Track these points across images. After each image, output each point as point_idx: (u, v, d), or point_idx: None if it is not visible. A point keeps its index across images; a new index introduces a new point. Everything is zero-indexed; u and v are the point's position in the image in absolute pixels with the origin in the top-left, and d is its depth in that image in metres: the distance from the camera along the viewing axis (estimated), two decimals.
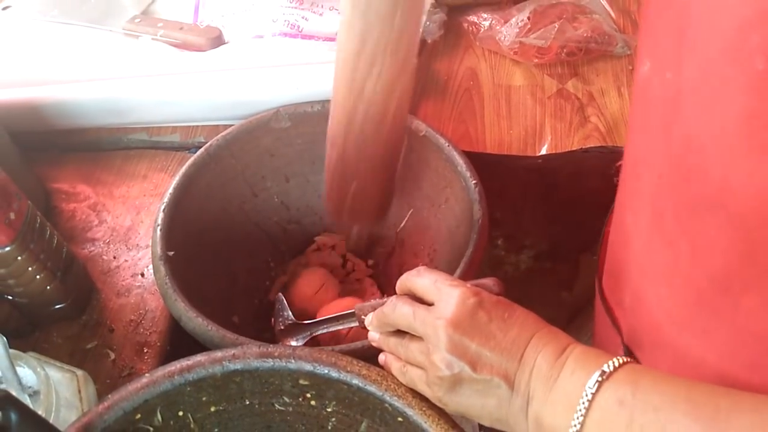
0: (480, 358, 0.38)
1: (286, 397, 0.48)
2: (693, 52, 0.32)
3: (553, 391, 0.36)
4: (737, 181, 0.31)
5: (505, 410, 0.38)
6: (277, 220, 0.72)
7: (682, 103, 0.33)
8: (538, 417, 0.37)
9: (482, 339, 0.38)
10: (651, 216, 0.40)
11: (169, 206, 0.60)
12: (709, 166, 0.32)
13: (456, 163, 0.62)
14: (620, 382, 0.34)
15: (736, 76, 0.29)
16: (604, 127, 0.72)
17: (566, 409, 0.35)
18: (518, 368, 0.38)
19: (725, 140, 0.31)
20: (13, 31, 0.85)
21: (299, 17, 0.78)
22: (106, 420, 0.43)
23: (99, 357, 0.58)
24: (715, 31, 0.30)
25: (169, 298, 0.54)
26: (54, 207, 0.70)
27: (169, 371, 0.45)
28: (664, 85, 0.35)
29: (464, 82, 0.79)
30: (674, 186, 0.36)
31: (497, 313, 0.39)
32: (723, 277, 0.34)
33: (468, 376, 0.38)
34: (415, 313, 0.41)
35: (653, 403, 0.32)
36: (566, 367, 0.36)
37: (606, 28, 0.79)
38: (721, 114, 0.31)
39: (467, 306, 0.39)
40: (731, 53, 0.29)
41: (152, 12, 0.87)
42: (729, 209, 0.32)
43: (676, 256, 0.37)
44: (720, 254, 0.34)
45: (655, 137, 0.37)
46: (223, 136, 0.66)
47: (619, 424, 0.33)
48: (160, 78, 0.74)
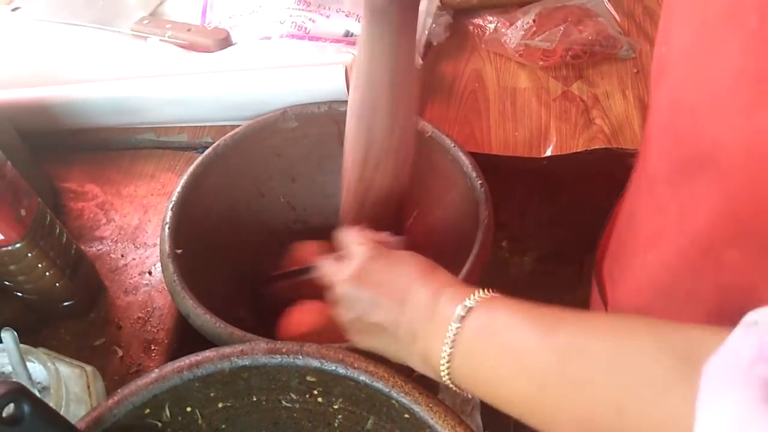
0: (373, 306, 0.43)
1: (293, 394, 0.49)
2: (689, 17, 0.33)
3: (430, 325, 0.40)
4: (727, 137, 0.32)
5: (399, 349, 0.43)
6: (283, 220, 0.73)
7: (671, 68, 0.35)
8: (422, 352, 0.41)
9: (372, 289, 0.43)
10: (645, 186, 0.42)
11: (177, 205, 0.60)
12: (700, 126, 0.33)
13: (462, 163, 0.62)
14: (481, 312, 0.37)
15: (731, 35, 0.30)
16: (609, 129, 0.73)
17: (439, 341, 0.38)
18: (402, 311, 0.42)
19: (716, 99, 0.32)
20: (23, 31, 0.86)
21: (306, 19, 0.78)
22: (116, 414, 0.43)
23: (107, 354, 0.58)
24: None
25: (177, 295, 0.54)
26: (62, 206, 0.71)
27: (178, 366, 0.45)
28: (659, 59, 0.37)
29: (470, 84, 0.79)
30: (667, 148, 0.37)
31: (386, 264, 0.44)
32: (707, 235, 0.36)
33: (366, 322, 0.43)
34: (330, 269, 0.47)
35: (504, 323, 0.36)
36: (440, 303, 0.40)
37: (611, 32, 0.79)
38: (713, 73, 0.32)
39: (362, 259, 0.44)
40: (727, 14, 0.30)
41: (160, 13, 0.88)
42: (719, 167, 0.33)
43: (665, 221, 0.39)
44: (704, 213, 0.35)
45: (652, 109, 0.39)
46: (231, 135, 0.66)
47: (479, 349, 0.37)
48: (168, 78, 0.75)
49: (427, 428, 0.44)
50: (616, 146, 0.71)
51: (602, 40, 0.79)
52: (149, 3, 0.88)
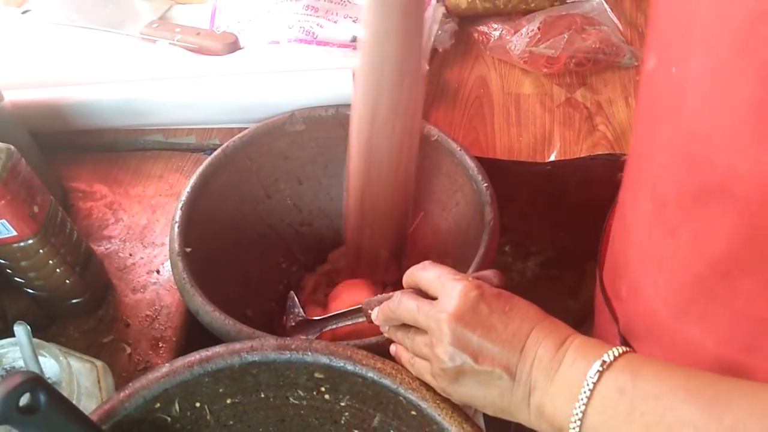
0: (482, 350, 0.39)
1: (300, 391, 0.49)
2: (700, 46, 0.33)
3: (555, 381, 0.37)
4: (743, 167, 0.32)
5: (507, 400, 0.39)
6: (290, 222, 0.73)
7: (687, 95, 0.35)
8: (540, 406, 0.38)
9: (484, 331, 0.39)
10: (652, 206, 0.41)
11: (186, 204, 0.61)
12: (715, 155, 0.34)
13: (467, 167, 0.63)
14: (620, 371, 0.35)
15: (745, 66, 0.30)
16: (612, 135, 0.74)
17: (568, 398, 0.36)
18: (519, 359, 0.39)
19: (732, 129, 0.32)
20: (34, 34, 0.87)
21: (314, 24, 0.79)
22: (127, 407, 0.44)
23: (115, 351, 0.59)
24: (724, 24, 0.31)
25: (186, 293, 0.55)
26: (71, 205, 0.71)
27: (189, 361, 0.46)
28: (669, 80, 0.37)
29: (475, 90, 0.80)
30: (677, 175, 0.37)
31: (498, 306, 0.40)
32: (723, 262, 0.35)
33: (470, 368, 0.39)
34: (419, 307, 0.42)
35: (653, 391, 0.33)
36: (567, 357, 0.37)
37: (614, 40, 0.81)
38: (728, 104, 0.32)
39: (469, 299, 0.40)
40: (740, 45, 0.30)
41: (170, 18, 0.89)
42: (735, 195, 0.33)
43: (676, 244, 0.39)
44: (721, 240, 0.35)
45: (659, 130, 0.39)
46: (240, 137, 0.67)
47: (620, 411, 0.34)
48: (176, 81, 0.76)
49: (434, 425, 0.44)
50: (619, 152, 0.72)
51: (606, 48, 0.80)
52: (159, 7, 0.89)
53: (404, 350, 0.45)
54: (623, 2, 0.89)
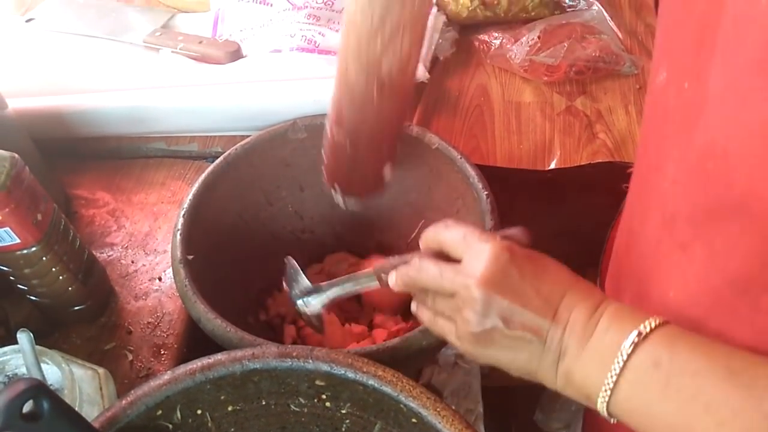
0: (513, 315, 0.38)
1: (301, 398, 0.49)
2: (719, 64, 0.33)
3: (587, 348, 0.36)
4: (761, 186, 0.32)
5: (536, 364, 0.39)
6: (291, 229, 0.74)
7: (704, 111, 0.34)
8: (569, 373, 0.37)
9: (515, 296, 0.38)
10: (661, 220, 0.41)
11: (188, 212, 0.61)
12: (732, 173, 0.33)
13: (468, 174, 0.63)
14: (657, 343, 0.34)
15: (764, 85, 0.30)
16: (611, 143, 0.74)
17: (599, 367, 0.35)
18: (551, 325, 0.38)
19: (752, 148, 0.32)
20: (38, 42, 0.88)
21: (316, 33, 0.80)
22: (129, 414, 0.44)
23: (117, 358, 0.59)
24: (745, 43, 0.31)
25: (188, 300, 0.55)
26: (74, 212, 0.72)
27: (191, 369, 0.46)
28: (681, 95, 0.37)
29: (475, 99, 0.81)
30: (689, 191, 0.37)
31: (529, 269, 0.39)
32: (743, 279, 0.35)
33: (500, 332, 0.38)
34: (442, 273, 0.41)
35: (691, 368, 0.33)
36: (600, 324, 0.36)
37: (614, 48, 0.81)
38: (748, 122, 0.32)
39: (499, 263, 0.38)
40: (760, 63, 0.30)
41: (172, 26, 0.89)
42: (753, 214, 0.33)
43: (688, 259, 0.38)
44: (740, 257, 0.35)
45: (669, 144, 0.39)
46: (242, 145, 0.68)
47: (654, 386, 0.33)
48: (179, 89, 0.77)
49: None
50: (619, 160, 0.72)
51: (605, 56, 0.81)
52: (162, 16, 0.90)
53: (425, 308, 0.44)
54: (623, 11, 0.89)
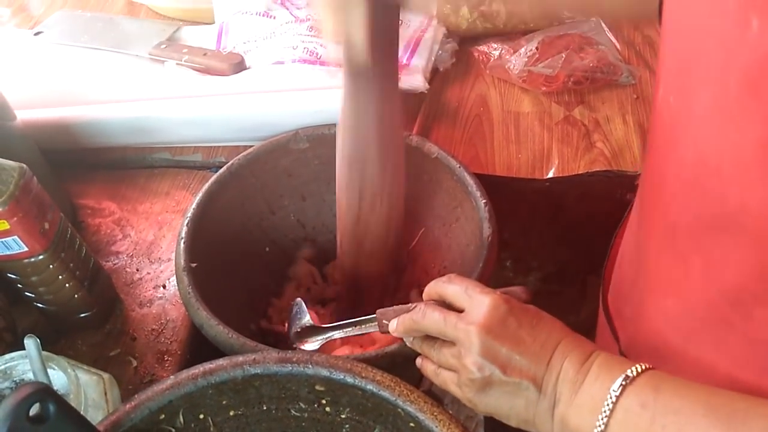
0: (510, 361, 0.40)
1: (302, 403, 0.50)
2: (707, 82, 0.34)
3: (579, 394, 0.38)
4: (753, 203, 0.33)
5: (532, 411, 0.40)
6: (293, 238, 0.75)
7: (690, 127, 0.36)
8: (564, 418, 0.39)
9: (512, 343, 0.40)
10: (662, 232, 0.42)
11: (192, 221, 0.62)
12: (726, 188, 0.34)
13: (467, 183, 0.64)
14: (643, 386, 0.36)
15: (755, 106, 0.31)
16: (609, 152, 0.75)
17: (591, 410, 0.37)
18: (546, 372, 0.40)
19: (742, 165, 0.33)
20: (46, 55, 0.89)
21: (318, 45, 0.81)
22: (133, 418, 0.45)
23: (121, 364, 0.60)
24: (732, 63, 0.32)
25: (191, 307, 0.56)
26: (81, 222, 0.73)
27: (193, 373, 0.47)
28: (669, 109, 0.38)
29: (474, 108, 0.82)
30: (688, 204, 0.38)
31: (526, 320, 0.41)
32: (736, 291, 0.36)
33: (498, 378, 0.41)
34: (446, 319, 0.43)
35: (674, 406, 0.35)
36: (591, 371, 0.39)
37: (611, 59, 0.82)
38: (738, 141, 0.33)
39: (498, 312, 0.41)
40: (750, 85, 0.31)
41: (178, 38, 0.91)
42: (746, 228, 0.34)
43: (687, 270, 0.39)
44: (734, 270, 0.36)
45: (664, 157, 0.40)
46: (245, 155, 0.69)
47: (642, 425, 0.35)
48: (183, 100, 0.78)
49: None
50: (617, 169, 0.73)
51: (603, 67, 0.82)
52: (167, 28, 0.92)
53: (429, 362, 0.46)
54: (621, 22, 0.91)
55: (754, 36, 0.30)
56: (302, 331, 0.56)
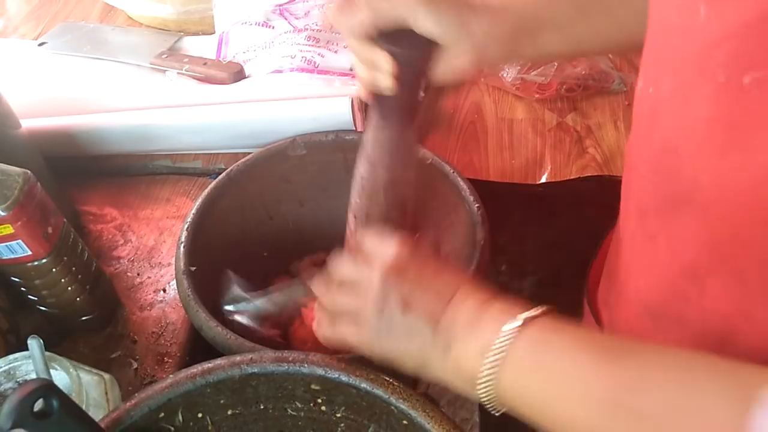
0: (410, 299, 0.41)
1: (298, 402, 0.51)
2: (669, 68, 0.37)
3: (473, 334, 0.38)
4: (705, 179, 0.35)
5: (427, 353, 0.40)
6: (291, 242, 0.76)
7: (660, 112, 0.38)
8: (457, 359, 0.39)
9: (413, 282, 0.41)
10: (636, 215, 0.44)
11: (191, 225, 0.64)
12: (682, 166, 0.37)
13: (460, 188, 0.66)
14: (535, 328, 0.37)
15: (703, 86, 0.34)
16: (601, 157, 0.77)
17: (483, 350, 0.37)
18: (443, 313, 0.40)
19: (694, 143, 0.35)
20: (49, 65, 0.91)
21: (315, 54, 0.83)
22: (133, 416, 0.46)
23: (122, 366, 0.61)
24: (688, 48, 0.35)
25: (191, 309, 0.57)
26: (82, 227, 0.75)
27: (192, 373, 0.48)
28: (649, 99, 0.40)
29: (469, 116, 0.84)
30: (654, 186, 0.40)
31: (431, 264, 0.43)
32: (692, 265, 0.38)
33: (397, 316, 0.41)
34: (355, 261, 0.44)
35: (559, 345, 0.36)
36: (488, 314, 0.39)
37: (603, 67, 0.84)
38: (690, 120, 0.35)
39: (402, 255, 0.42)
40: (699, 67, 0.34)
41: (179, 48, 0.93)
42: (699, 204, 0.36)
43: (655, 250, 0.42)
44: (690, 245, 0.38)
45: (640, 144, 0.42)
46: (244, 162, 0.71)
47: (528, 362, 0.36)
48: (184, 109, 0.80)
49: None
50: (608, 174, 0.75)
51: (595, 74, 0.83)
52: (168, 38, 0.94)
53: (323, 319, 0.46)
54: None
55: (701, 22, 0.33)
56: (231, 300, 0.57)
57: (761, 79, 0.30)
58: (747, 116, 0.32)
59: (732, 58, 0.32)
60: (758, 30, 0.30)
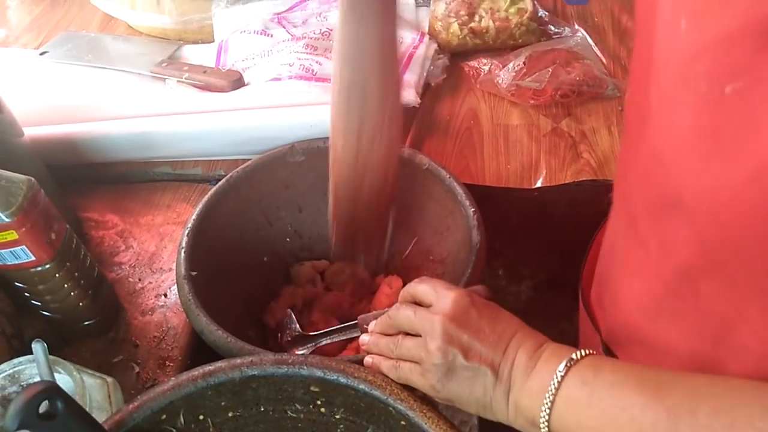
0: (471, 348, 0.44)
1: (298, 404, 0.52)
2: (655, 78, 0.38)
3: (530, 378, 0.42)
4: (690, 184, 0.37)
5: (489, 396, 0.44)
6: (290, 248, 0.77)
7: (648, 120, 0.40)
8: (517, 402, 0.43)
9: (473, 332, 0.44)
10: (627, 219, 0.46)
11: (192, 231, 0.65)
12: (670, 173, 0.38)
13: (456, 193, 0.67)
14: (585, 366, 0.40)
15: (686, 97, 0.35)
16: (595, 162, 0.78)
17: (540, 393, 0.41)
18: (502, 359, 0.44)
19: (680, 150, 0.37)
20: (51, 73, 0.92)
21: (313, 62, 0.84)
22: (136, 418, 0.47)
23: (124, 370, 0.62)
24: (671, 60, 0.36)
25: (192, 313, 0.58)
26: (84, 234, 0.75)
27: (193, 375, 0.49)
28: (636, 106, 0.42)
29: (465, 122, 0.85)
30: (643, 191, 0.42)
31: (486, 312, 0.46)
32: (685, 267, 0.40)
33: (460, 363, 0.44)
34: (416, 312, 0.47)
35: (610, 381, 0.39)
36: (542, 358, 0.43)
37: (597, 73, 0.85)
38: (676, 128, 0.37)
39: (461, 304, 0.45)
40: (683, 78, 0.35)
41: (179, 57, 0.94)
42: (687, 208, 0.37)
43: (646, 253, 0.43)
44: (682, 247, 0.39)
45: (630, 150, 0.44)
46: (243, 168, 0.72)
47: (582, 400, 0.39)
48: (184, 116, 0.81)
49: None
50: (602, 178, 0.76)
51: (589, 80, 0.85)
52: (168, 47, 0.95)
53: (384, 359, 0.50)
54: (607, 37, 0.94)
55: (683, 35, 0.34)
56: (292, 339, 0.60)
57: (741, 89, 0.32)
58: (729, 125, 0.33)
59: (713, 70, 0.33)
60: (736, 42, 0.31)
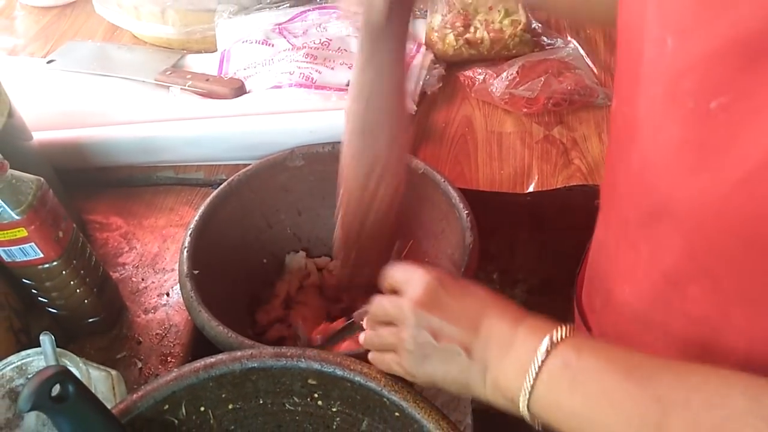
0: (441, 330, 0.44)
1: (295, 397, 0.54)
2: (643, 92, 0.40)
3: (508, 357, 0.42)
4: (678, 194, 0.39)
5: (466, 375, 0.44)
6: (290, 250, 0.79)
7: (636, 132, 0.42)
8: (495, 380, 0.42)
9: (442, 313, 0.44)
10: (618, 225, 0.47)
11: (194, 231, 0.67)
12: (659, 183, 0.40)
13: (451, 196, 0.69)
14: (567, 348, 0.40)
15: (674, 111, 0.37)
16: (586, 168, 0.80)
17: (520, 372, 0.40)
18: (475, 338, 0.44)
19: (668, 162, 0.39)
20: (58, 81, 0.95)
21: (313, 70, 0.87)
22: (140, 407, 0.49)
23: (128, 365, 0.64)
24: (658, 76, 0.38)
25: (193, 310, 0.60)
26: (89, 235, 0.77)
27: (195, 367, 0.51)
28: (624, 118, 0.44)
29: (460, 129, 0.87)
30: (634, 198, 0.44)
31: (455, 292, 0.46)
32: (673, 272, 0.41)
33: (432, 347, 0.44)
34: (389, 301, 0.48)
35: (593, 366, 0.38)
36: (519, 336, 0.42)
37: (588, 82, 0.88)
38: (664, 141, 0.39)
39: (430, 287, 0.45)
40: (670, 94, 0.37)
41: (182, 65, 0.97)
42: (675, 216, 0.39)
43: (636, 257, 0.45)
44: (670, 253, 0.41)
45: (619, 159, 0.46)
46: (244, 172, 0.74)
47: (564, 383, 0.39)
48: (187, 122, 0.83)
49: (414, 424, 0.49)
50: (593, 183, 0.78)
51: (580, 89, 0.87)
52: (172, 56, 0.98)
53: (373, 351, 0.51)
54: (598, 48, 0.97)
55: (669, 53, 0.36)
56: None
57: (726, 104, 0.34)
58: (714, 138, 0.35)
59: (698, 86, 0.35)
60: (720, 60, 0.33)
